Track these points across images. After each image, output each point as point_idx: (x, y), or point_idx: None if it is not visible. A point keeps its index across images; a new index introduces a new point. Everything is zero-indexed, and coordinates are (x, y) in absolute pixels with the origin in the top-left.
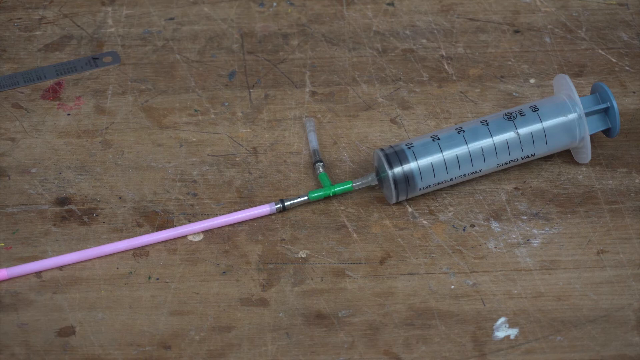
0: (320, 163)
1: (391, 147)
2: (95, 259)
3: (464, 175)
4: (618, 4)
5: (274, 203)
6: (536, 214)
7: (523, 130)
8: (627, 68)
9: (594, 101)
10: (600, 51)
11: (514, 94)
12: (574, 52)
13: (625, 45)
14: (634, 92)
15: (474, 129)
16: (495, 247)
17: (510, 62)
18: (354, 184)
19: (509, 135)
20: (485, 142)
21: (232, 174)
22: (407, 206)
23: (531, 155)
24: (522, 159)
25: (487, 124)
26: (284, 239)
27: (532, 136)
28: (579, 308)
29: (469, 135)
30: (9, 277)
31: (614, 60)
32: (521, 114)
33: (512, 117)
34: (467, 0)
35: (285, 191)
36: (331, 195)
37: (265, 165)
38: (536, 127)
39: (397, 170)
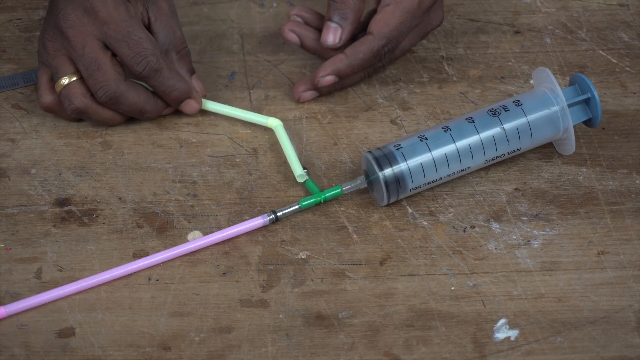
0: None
1: (379, 149)
2: (95, 260)
3: (453, 173)
4: (618, 4)
5: (266, 215)
6: (536, 215)
7: (508, 125)
8: (627, 69)
9: (574, 92)
10: (600, 52)
11: (515, 94)
12: (574, 52)
13: (626, 45)
14: (634, 93)
15: (460, 126)
16: (496, 248)
17: (510, 63)
18: (343, 188)
19: (495, 130)
20: (472, 139)
21: (232, 174)
22: (407, 207)
23: (517, 149)
24: (509, 153)
25: (473, 121)
26: (284, 240)
27: (517, 130)
28: (579, 309)
29: (456, 133)
30: (7, 315)
31: (615, 61)
32: (505, 109)
33: (496, 112)
34: (467, 1)
35: (285, 192)
36: (322, 201)
37: (265, 166)
38: (521, 121)
39: (388, 172)
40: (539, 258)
